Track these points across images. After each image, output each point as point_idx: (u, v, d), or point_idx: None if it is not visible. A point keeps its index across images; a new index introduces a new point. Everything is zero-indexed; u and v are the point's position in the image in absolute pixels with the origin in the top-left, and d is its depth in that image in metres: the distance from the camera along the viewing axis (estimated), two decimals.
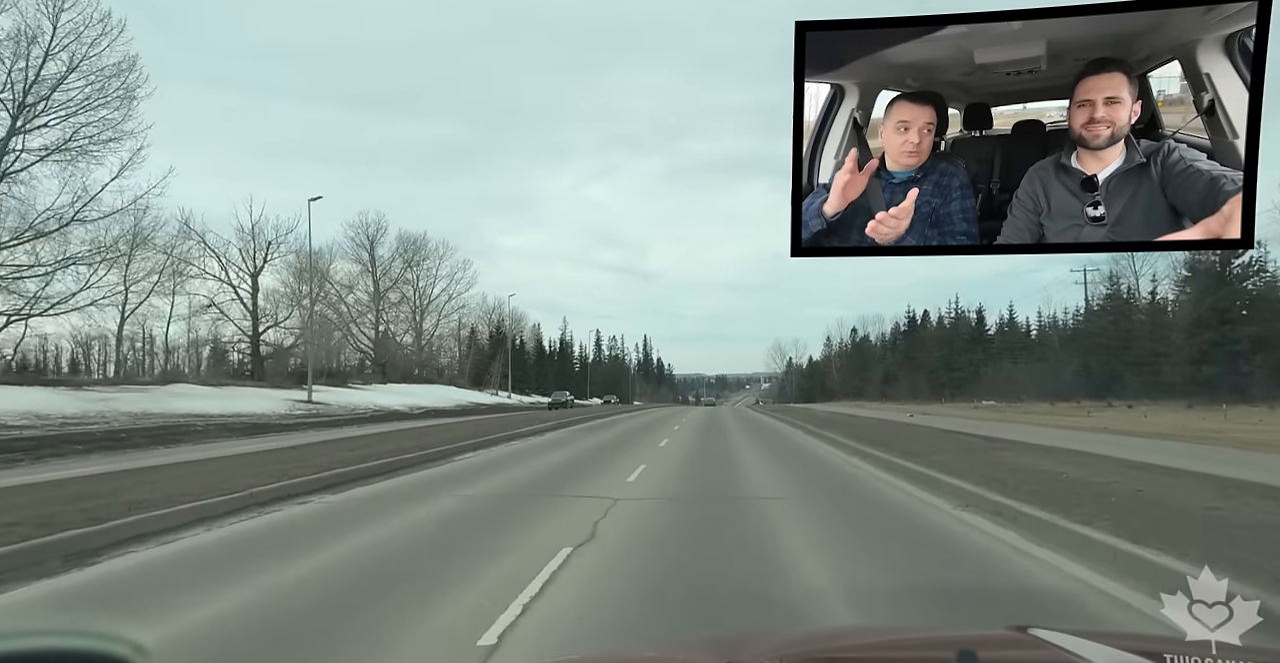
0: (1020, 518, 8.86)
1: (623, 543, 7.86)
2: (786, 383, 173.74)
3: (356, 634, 4.90)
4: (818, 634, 2.19)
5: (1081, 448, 17.73)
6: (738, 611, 5.40)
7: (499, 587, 6.01)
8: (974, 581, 6.37)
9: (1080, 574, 6.53)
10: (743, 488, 12.68)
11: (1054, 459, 15.02)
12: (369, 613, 5.34)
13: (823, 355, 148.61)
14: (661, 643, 3.31)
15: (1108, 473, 12.45)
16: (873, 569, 6.83)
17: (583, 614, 5.32)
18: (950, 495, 11.11)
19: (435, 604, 5.58)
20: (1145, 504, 9.09)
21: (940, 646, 1.71)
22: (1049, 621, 2.36)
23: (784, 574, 6.53)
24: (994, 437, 22.22)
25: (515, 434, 26.51)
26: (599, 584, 6.17)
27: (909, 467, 14.31)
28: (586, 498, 11.12)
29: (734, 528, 8.80)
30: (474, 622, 5.11)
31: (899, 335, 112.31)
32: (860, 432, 25.77)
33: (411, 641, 4.78)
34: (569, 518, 9.31)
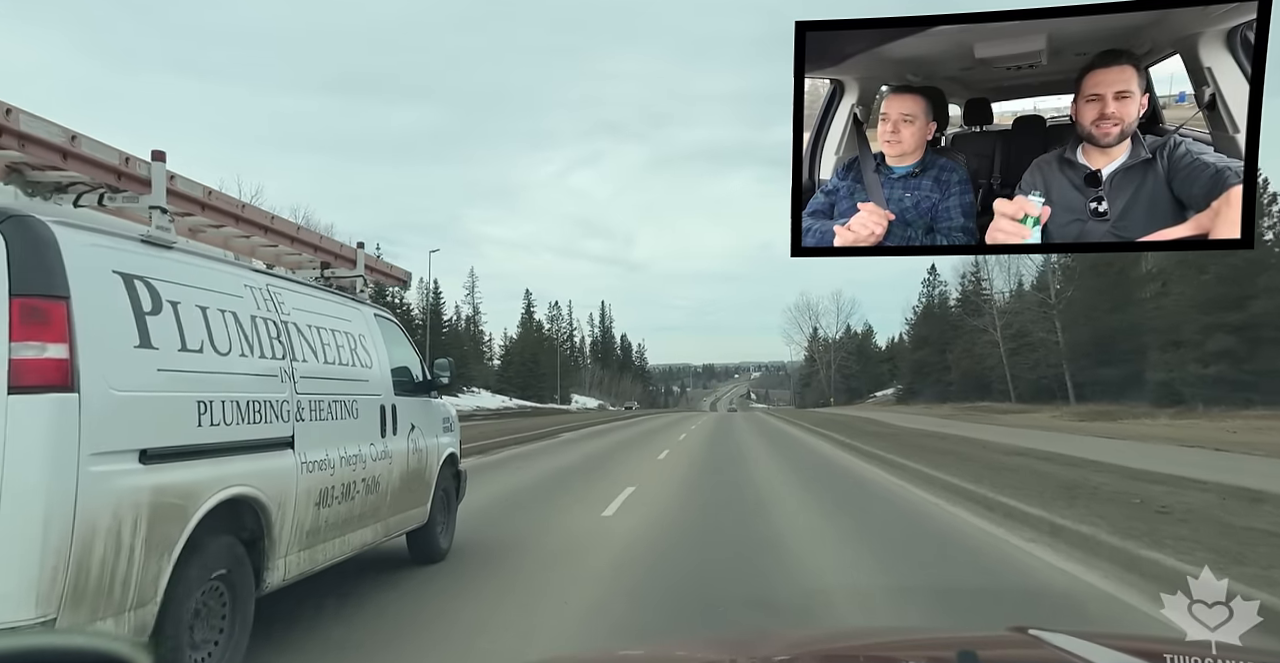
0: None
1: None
2: (816, 371, 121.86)
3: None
4: (819, 635, 2.19)
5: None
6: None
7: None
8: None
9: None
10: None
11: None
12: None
13: (807, 355, 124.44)
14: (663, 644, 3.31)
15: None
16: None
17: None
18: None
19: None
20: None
21: (940, 646, 1.71)
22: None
23: None
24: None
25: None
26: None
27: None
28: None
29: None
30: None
31: (917, 322, 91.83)
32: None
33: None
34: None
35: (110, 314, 3.30)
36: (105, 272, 3.34)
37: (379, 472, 5.58)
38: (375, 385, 5.79)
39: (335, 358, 5.23)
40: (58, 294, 3.04)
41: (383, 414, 5.77)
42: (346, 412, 5.22)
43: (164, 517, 3.40)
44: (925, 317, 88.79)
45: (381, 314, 6.51)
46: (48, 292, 3.02)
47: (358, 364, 5.57)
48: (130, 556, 3.21)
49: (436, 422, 6.94)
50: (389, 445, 5.79)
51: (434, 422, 6.87)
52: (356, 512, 5.25)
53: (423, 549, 6.69)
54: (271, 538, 4.20)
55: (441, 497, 6.90)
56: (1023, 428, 31.54)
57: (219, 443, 3.83)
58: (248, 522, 4.07)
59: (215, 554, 3.77)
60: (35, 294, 2.99)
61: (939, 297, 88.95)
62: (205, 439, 3.75)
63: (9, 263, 2.96)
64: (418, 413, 6.46)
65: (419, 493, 6.43)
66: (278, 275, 5.07)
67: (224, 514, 3.81)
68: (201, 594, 3.68)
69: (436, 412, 7.02)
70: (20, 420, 2.90)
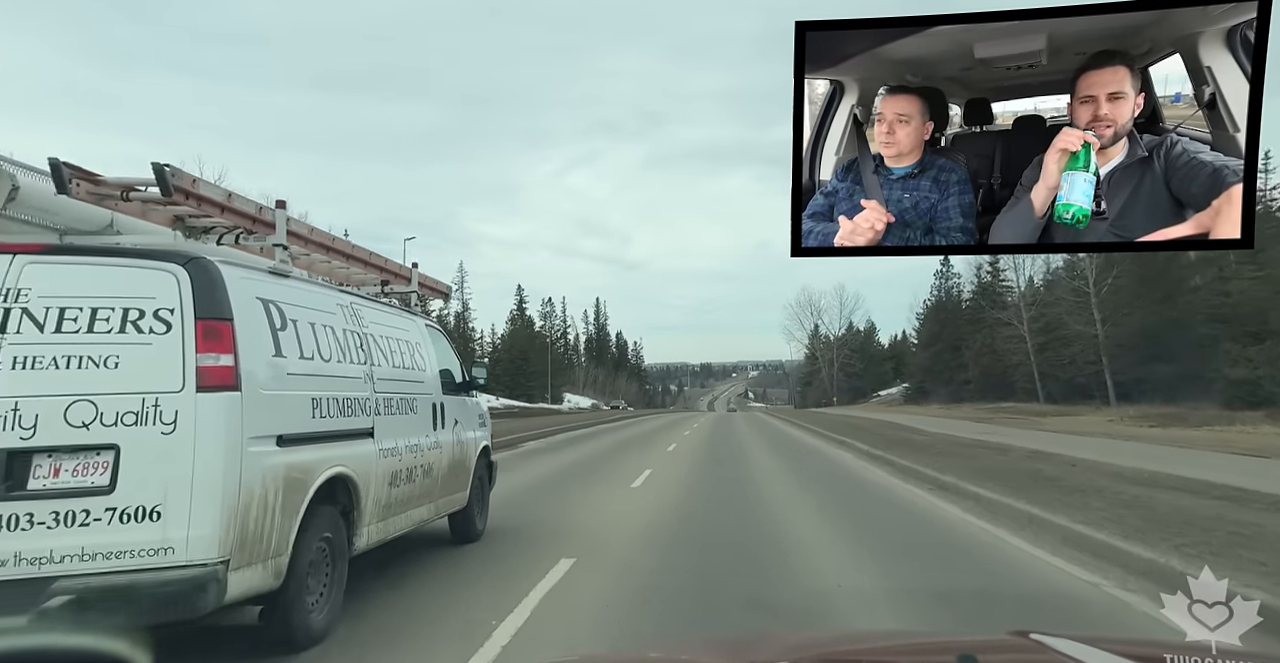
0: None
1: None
2: (817, 370, 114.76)
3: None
4: (820, 638, 2.18)
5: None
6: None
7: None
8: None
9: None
10: None
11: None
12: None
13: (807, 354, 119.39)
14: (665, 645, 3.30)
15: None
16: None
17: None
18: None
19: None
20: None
21: (942, 650, 1.70)
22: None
23: None
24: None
25: None
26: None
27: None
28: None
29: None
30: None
31: (927, 317, 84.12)
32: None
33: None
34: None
35: (256, 331, 4.27)
36: (251, 298, 4.31)
37: (432, 459, 6.46)
38: (428, 386, 6.68)
39: (400, 363, 6.19)
40: (225, 317, 4.03)
41: (434, 411, 6.67)
42: (409, 408, 6.13)
43: (293, 488, 4.36)
44: (936, 311, 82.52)
45: (431, 324, 7.57)
46: (219, 315, 4.01)
47: (415, 368, 6.51)
48: (272, 516, 4.17)
49: (474, 418, 7.88)
50: (439, 437, 6.70)
51: (472, 418, 7.80)
52: (416, 492, 6.12)
53: (462, 530, 7.58)
54: (359, 510, 5.13)
55: (478, 483, 7.81)
56: (1087, 436, 24.62)
57: (325, 432, 4.80)
58: (341, 496, 4.95)
59: (323, 520, 4.68)
60: (211, 317, 3.98)
61: (954, 289, 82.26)
62: (317, 428, 4.72)
63: (193, 294, 3.96)
64: (460, 410, 7.39)
65: (461, 479, 7.29)
66: (356, 294, 6.15)
67: (328, 489, 4.72)
68: (315, 551, 4.60)
69: (474, 409, 7.97)
70: (204, 413, 3.86)
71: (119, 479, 3.73)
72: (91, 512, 3.69)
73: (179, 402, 3.85)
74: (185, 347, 3.91)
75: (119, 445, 3.76)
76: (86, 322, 3.90)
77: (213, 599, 3.75)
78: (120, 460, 3.76)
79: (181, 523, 3.75)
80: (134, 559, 3.68)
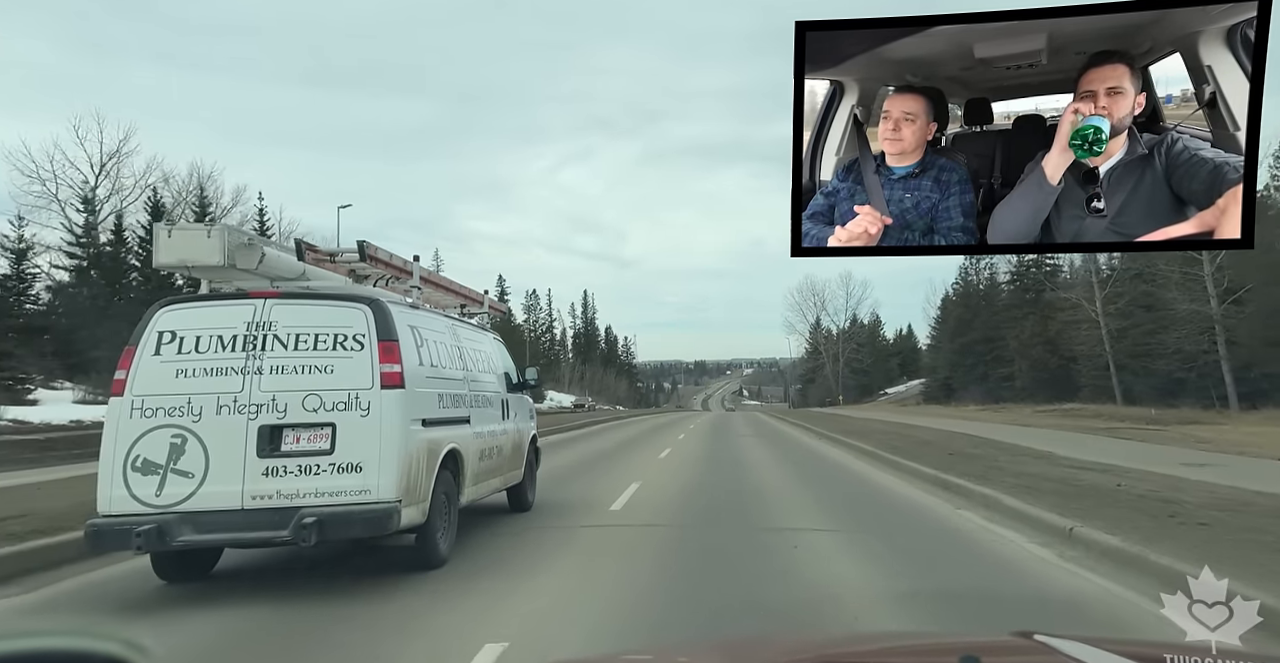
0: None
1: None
2: (820, 365, 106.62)
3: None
4: (820, 640, 2.18)
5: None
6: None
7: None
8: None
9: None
10: None
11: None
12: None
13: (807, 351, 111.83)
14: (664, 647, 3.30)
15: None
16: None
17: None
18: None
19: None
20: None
21: (945, 651, 1.69)
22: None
23: None
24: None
25: None
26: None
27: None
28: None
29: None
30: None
31: (950, 305, 75.82)
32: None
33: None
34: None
35: (409, 347, 6.26)
36: (405, 325, 6.36)
37: (502, 442, 8.66)
38: (497, 386, 8.95)
39: (481, 368, 8.45)
40: (394, 338, 6.03)
41: (502, 405, 8.91)
42: (488, 403, 8.32)
43: (431, 455, 6.36)
44: (964, 299, 71.97)
45: (496, 338, 10.11)
46: (391, 337, 6.00)
47: (489, 372, 8.77)
48: (421, 473, 6.12)
49: (527, 412, 10.27)
50: (505, 426, 8.91)
51: (526, 412, 10.16)
52: (493, 466, 8.24)
53: (518, 501, 9.68)
54: (463, 475, 7.16)
55: (529, 464, 9.98)
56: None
57: (445, 418, 6.88)
58: (452, 464, 6.83)
59: (444, 479, 6.58)
60: (387, 339, 5.97)
61: (988, 272, 70.62)
62: (441, 415, 6.79)
63: (375, 323, 5.96)
64: (517, 405, 9.67)
65: (518, 459, 9.42)
66: (452, 317, 8.70)
67: (449, 457, 6.69)
68: (441, 499, 6.48)
69: (526, 404, 10.34)
70: (386, 403, 5.84)
71: (336, 445, 5.70)
72: (320, 466, 5.65)
73: (370, 395, 5.81)
74: (373, 359, 5.88)
75: (335, 424, 5.73)
76: (312, 342, 5.88)
77: (394, 525, 5.67)
78: (336, 433, 5.72)
79: (374, 474, 5.68)
80: (347, 497, 5.64)
